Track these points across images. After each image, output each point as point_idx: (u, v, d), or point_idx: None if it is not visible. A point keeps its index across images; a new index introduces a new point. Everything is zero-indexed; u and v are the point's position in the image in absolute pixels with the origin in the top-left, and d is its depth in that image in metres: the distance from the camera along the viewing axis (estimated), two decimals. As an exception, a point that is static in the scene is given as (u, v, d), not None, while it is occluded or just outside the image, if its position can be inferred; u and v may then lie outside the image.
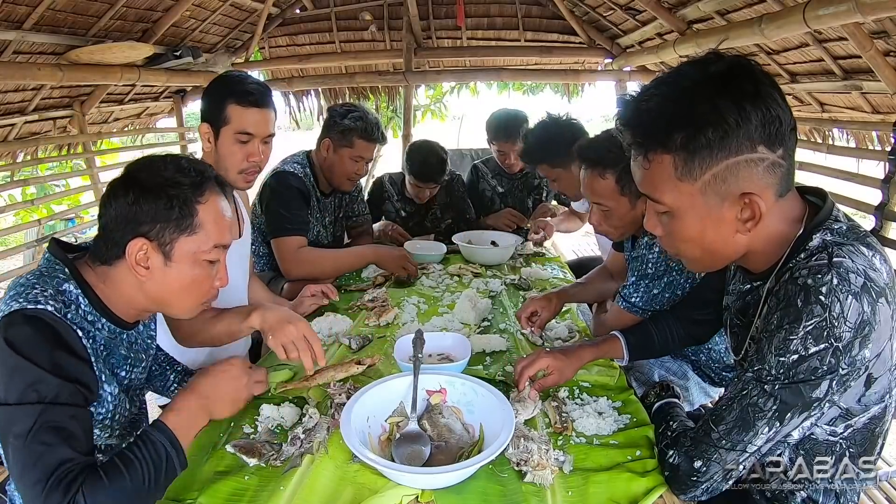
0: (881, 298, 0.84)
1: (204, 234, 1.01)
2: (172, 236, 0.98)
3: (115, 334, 1.04)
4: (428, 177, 2.67)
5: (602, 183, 1.49)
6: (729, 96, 0.84)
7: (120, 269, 1.00)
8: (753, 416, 0.89)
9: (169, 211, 0.97)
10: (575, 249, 5.92)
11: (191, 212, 0.99)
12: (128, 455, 0.89)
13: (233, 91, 1.54)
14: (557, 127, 2.10)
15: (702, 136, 0.85)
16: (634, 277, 1.57)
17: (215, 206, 1.03)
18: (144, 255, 0.98)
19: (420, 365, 1.21)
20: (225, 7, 3.92)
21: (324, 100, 5.26)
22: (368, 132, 2.21)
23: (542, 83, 5.53)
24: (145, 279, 0.99)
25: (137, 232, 0.97)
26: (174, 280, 1.01)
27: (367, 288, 2.10)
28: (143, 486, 0.87)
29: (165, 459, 0.91)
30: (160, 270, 0.99)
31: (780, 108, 0.85)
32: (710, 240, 0.93)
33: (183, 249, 0.99)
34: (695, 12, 3.05)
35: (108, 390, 1.00)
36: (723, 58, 0.88)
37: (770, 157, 0.86)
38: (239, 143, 1.55)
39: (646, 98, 0.91)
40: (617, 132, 0.97)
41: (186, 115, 4.86)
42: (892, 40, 2.17)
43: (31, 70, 2.77)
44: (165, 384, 1.38)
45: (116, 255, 0.99)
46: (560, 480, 1.01)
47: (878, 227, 2.33)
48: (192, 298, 1.06)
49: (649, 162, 0.91)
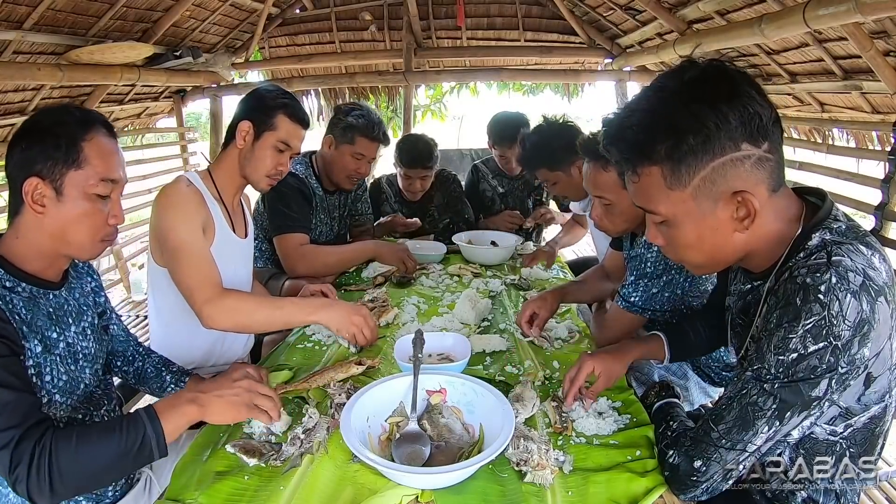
0: (880, 297, 0.84)
1: (91, 168, 1.07)
2: (61, 171, 1.05)
3: (38, 295, 1.08)
4: (416, 161, 2.69)
5: (604, 175, 1.49)
6: (705, 100, 0.85)
7: (24, 216, 1.07)
8: (753, 415, 0.89)
9: (56, 150, 1.04)
10: (575, 249, 5.91)
11: (76, 148, 1.06)
12: (105, 425, 0.95)
13: (286, 105, 1.64)
14: (553, 130, 2.09)
15: (684, 143, 0.87)
16: (633, 276, 1.57)
17: (100, 142, 1.09)
18: (40, 194, 1.04)
19: (420, 365, 1.21)
20: (225, 7, 3.92)
21: (324, 100, 5.26)
22: (370, 130, 2.23)
23: (542, 83, 5.53)
24: (42, 216, 1.05)
25: (31, 172, 1.04)
26: (67, 214, 1.07)
27: (366, 288, 2.10)
28: (112, 459, 0.92)
29: (142, 439, 0.94)
30: (54, 206, 1.06)
31: (758, 104, 0.86)
32: (709, 243, 0.94)
33: (71, 183, 1.06)
34: (695, 12, 3.05)
35: (28, 346, 1.03)
36: (696, 64, 0.90)
37: (756, 153, 0.87)
38: (276, 151, 1.64)
39: (627, 115, 0.93)
40: (604, 151, 0.98)
41: (186, 115, 4.86)
42: (892, 40, 2.18)
43: (31, 70, 2.77)
44: (161, 385, 1.39)
45: (20, 202, 1.06)
46: (560, 480, 1.01)
47: (878, 227, 2.33)
48: (87, 233, 1.10)
49: (638, 176, 0.93)
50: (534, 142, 2.13)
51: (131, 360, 1.39)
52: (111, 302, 1.34)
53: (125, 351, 1.38)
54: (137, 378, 1.39)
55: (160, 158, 4.52)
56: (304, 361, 1.51)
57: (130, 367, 1.39)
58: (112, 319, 1.33)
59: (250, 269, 1.79)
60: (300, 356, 1.54)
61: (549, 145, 2.05)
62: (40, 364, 1.05)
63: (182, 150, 4.69)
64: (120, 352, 1.37)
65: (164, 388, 1.38)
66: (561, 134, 2.04)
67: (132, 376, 1.39)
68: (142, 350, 1.41)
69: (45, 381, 1.06)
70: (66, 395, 1.10)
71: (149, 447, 0.95)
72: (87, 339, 1.18)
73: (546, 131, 2.10)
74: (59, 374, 1.09)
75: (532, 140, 2.15)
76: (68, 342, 1.12)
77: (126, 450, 0.93)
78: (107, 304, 1.31)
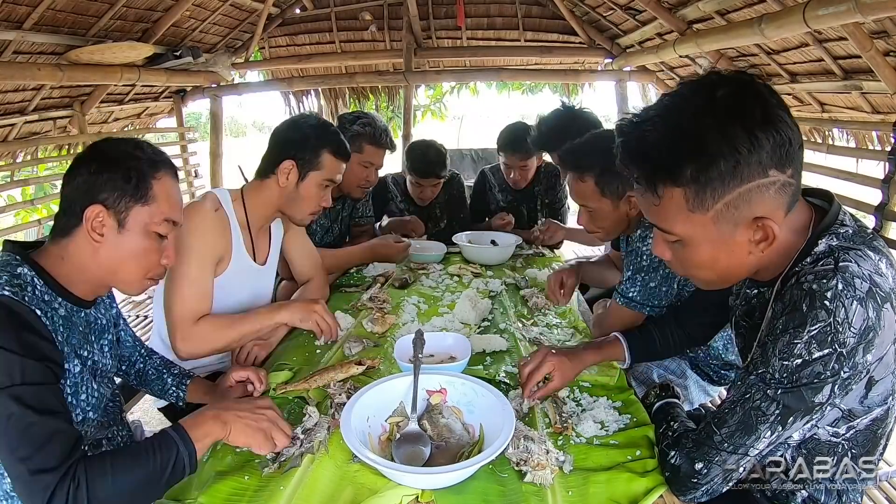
0: (886, 304, 0.83)
1: (156, 206, 1.08)
2: (128, 205, 1.05)
3: (73, 313, 1.07)
4: (428, 171, 2.68)
5: (582, 186, 1.53)
6: (739, 124, 0.81)
7: (76, 238, 1.05)
8: (756, 419, 0.89)
9: (126, 182, 1.04)
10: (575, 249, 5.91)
11: (147, 184, 1.06)
12: (137, 447, 0.93)
13: (330, 141, 1.63)
14: (571, 114, 2.13)
15: (714, 167, 0.82)
16: (630, 272, 1.57)
17: (168, 183, 1.11)
18: (100, 222, 1.03)
19: (420, 365, 1.21)
20: (225, 7, 3.92)
21: (324, 100, 5.27)
22: (377, 137, 2.25)
23: (541, 83, 5.53)
24: (99, 245, 1.04)
25: (95, 199, 1.03)
26: (125, 247, 1.07)
27: (366, 287, 2.10)
28: (147, 481, 0.90)
29: (175, 458, 0.93)
30: (113, 237, 1.05)
31: (789, 129, 0.83)
32: (723, 264, 0.92)
33: (136, 219, 1.06)
34: (695, 12, 3.05)
35: (68, 367, 1.03)
36: (725, 78, 0.85)
37: (781, 179, 0.85)
38: (322, 189, 1.64)
39: (649, 128, 0.87)
40: (620, 166, 0.93)
41: (186, 115, 4.86)
42: (892, 40, 2.18)
43: (31, 70, 2.77)
44: (163, 387, 1.39)
45: (75, 225, 1.04)
46: (560, 480, 1.01)
47: (878, 226, 2.33)
48: (140, 269, 1.10)
49: (659, 198, 0.88)
50: (550, 124, 2.20)
51: (133, 363, 1.39)
52: (119, 308, 1.34)
53: (131, 356, 1.38)
54: (139, 379, 1.39)
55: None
56: (304, 361, 1.51)
57: (132, 369, 1.39)
58: (121, 327, 1.33)
59: (268, 295, 1.79)
60: (300, 356, 1.54)
61: (566, 128, 2.09)
62: (77, 384, 1.05)
63: (182, 151, 4.69)
64: (126, 356, 1.37)
65: (166, 390, 1.38)
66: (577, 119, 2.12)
67: (133, 378, 1.39)
68: (143, 352, 1.41)
69: (80, 400, 1.06)
70: (97, 411, 1.11)
71: (182, 465, 0.94)
72: (106, 356, 1.18)
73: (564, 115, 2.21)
74: (92, 391, 1.10)
75: (548, 122, 2.21)
76: (94, 360, 1.12)
77: (160, 470, 0.92)
78: (118, 313, 1.31)
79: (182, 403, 1.38)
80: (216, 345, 1.50)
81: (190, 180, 4.73)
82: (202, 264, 1.49)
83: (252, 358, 1.57)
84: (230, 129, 19.65)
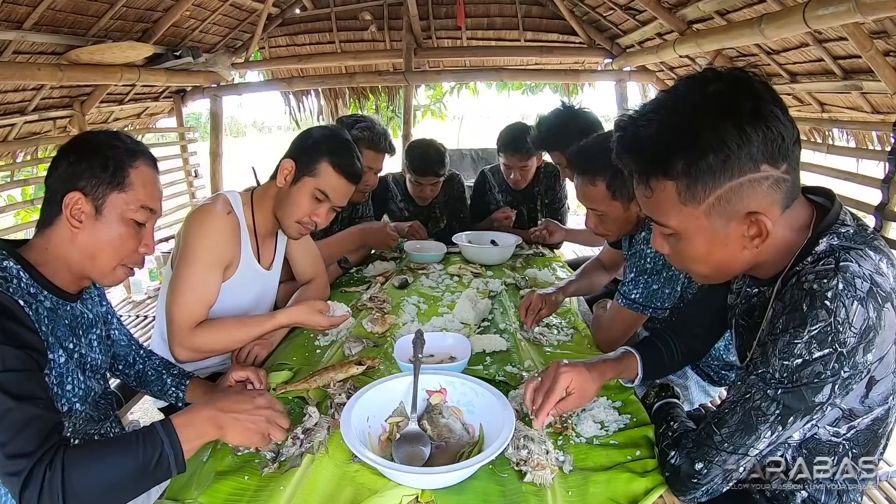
0: (887, 303, 0.83)
1: (133, 194, 1.10)
2: (105, 192, 1.07)
3: (58, 306, 1.08)
4: (427, 169, 2.68)
5: (593, 189, 1.52)
6: (729, 118, 0.82)
7: (58, 227, 1.07)
8: (756, 419, 0.89)
9: (104, 169, 1.07)
10: (575, 249, 5.91)
11: (123, 172, 1.09)
12: (121, 440, 0.92)
13: (334, 153, 1.58)
14: (571, 114, 2.13)
15: (703, 161, 0.83)
16: (633, 273, 1.57)
17: (145, 172, 1.13)
18: (79, 209, 1.06)
19: (420, 365, 1.21)
20: (225, 7, 3.92)
21: (324, 100, 5.27)
22: (375, 142, 2.25)
23: (541, 83, 5.53)
24: (78, 231, 1.06)
25: (74, 187, 1.06)
26: (102, 234, 1.08)
27: (365, 288, 2.10)
28: (127, 475, 0.89)
29: (158, 456, 0.91)
30: (90, 223, 1.07)
31: (781, 125, 0.83)
32: (717, 258, 0.93)
33: (112, 205, 1.08)
34: (695, 12, 3.05)
35: (53, 357, 1.03)
36: (721, 74, 0.86)
37: (774, 174, 0.85)
38: (312, 199, 1.58)
39: (644, 123, 0.88)
40: (616, 159, 0.95)
41: (186, 115, 4.86)
42: (892, 40, 2.18)
43: (31, 70, 2.77)
44: (163, 388, 1.39)
45: (56, 214, 1.07)
46: (560, 480, 1.01)
47: (878, 226, 2.33)
48: (115, 256, 1.11)
49: (651, 190, 0.90)
50: (550, 123, 2.19)
51: (132, 364, 1.39)
52: (112, 306, 1.34)
53: (127, 355, 1.38)
54: (138, 380, 1.39)
55: (160, 158, 4.50)
56: (304, 361, 1.51)
57: (131, 370, 1.39)
58: (113, 325, 1.33)
59: (271, 300, 1.79)
60: (300, 356, 1.54)
61: (566, 127, 2.09)
62: (62, 374, 1.05)
63: (182, 151, 4.69)
64: (122, 356, 1.37)
65: (166, 391, 1.38)
66: (578, 118, 2.11)
67: (133, 378, 1.39)
68: (143, 353, 1.41)
69: (65, 391, 1.07)
70: (84, 404, 1.11)
71: (165, 464, 0.91)
72: (95, 351, 1.19)
73: (564, 114, 2.19)
74: (79, 382, 1.10)
75: (549, 121, 2.21)
76: (81, 353, 1.13)
77: (143, 466, 0.90)
78: (108, 311, 1.31)
79: (182, 404, 1.38)
80: (212, 350, 1.50)
81: (190, 180, 4.73)
82: (208, 269, 1.49)
83: (252, 357, 1.57)
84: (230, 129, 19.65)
